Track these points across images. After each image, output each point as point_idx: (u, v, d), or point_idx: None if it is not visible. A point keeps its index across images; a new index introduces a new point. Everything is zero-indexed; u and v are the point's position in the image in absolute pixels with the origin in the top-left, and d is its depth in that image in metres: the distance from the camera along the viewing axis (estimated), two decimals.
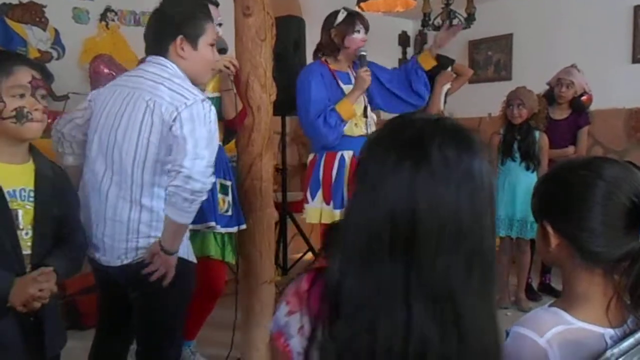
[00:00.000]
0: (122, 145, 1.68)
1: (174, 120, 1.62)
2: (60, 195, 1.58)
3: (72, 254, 1.60)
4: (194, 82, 1.78)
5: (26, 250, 1.47)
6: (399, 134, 0.75)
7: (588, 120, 3.72)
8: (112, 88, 1.82)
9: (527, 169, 3.41)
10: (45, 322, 1.48)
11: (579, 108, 3.68)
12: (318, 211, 2.62)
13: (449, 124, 0.76)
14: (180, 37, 1.73)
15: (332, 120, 2.52)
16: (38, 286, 1.40)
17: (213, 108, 1.71)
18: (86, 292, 3.03)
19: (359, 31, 2.62)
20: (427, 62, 2.74)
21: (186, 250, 1.81)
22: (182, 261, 1.76)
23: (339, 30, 2.62)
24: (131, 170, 1.68)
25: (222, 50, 2.32)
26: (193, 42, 1.75)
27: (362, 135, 2.60)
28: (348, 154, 2.60)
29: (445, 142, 0.72)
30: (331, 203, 2.58)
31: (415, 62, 2.76)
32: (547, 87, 3.80)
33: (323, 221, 2.62)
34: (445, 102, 3.89)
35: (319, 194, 2.61)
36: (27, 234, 1.48)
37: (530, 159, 3.40)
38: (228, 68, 2.26)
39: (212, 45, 1.81)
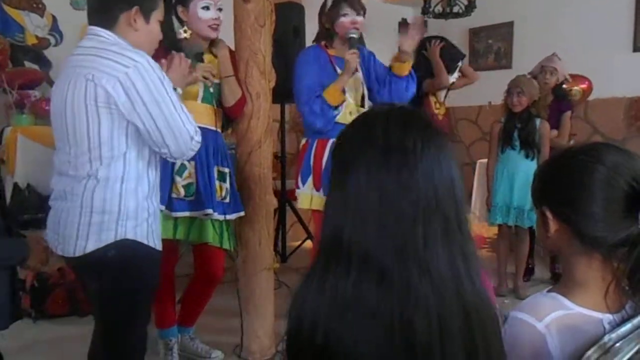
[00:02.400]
0: (75, 127, 1.62)
1: (121, 90, 1.56)
2: None
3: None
4: None
5: None
6: (367, 121, 0.84)
7: (569, 106, 3.81)
8: (62, 73, 1.74)
9: (527, 156, 3.42)
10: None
11: (562, 94, 3.77)
12: (309, 197, 2.62)
13: (408, 110, 0.84)
14: (136, 7, 1.68)
15: (317, 107, 2.50)
16: None
17: (154, 65, 1.61)
18: None
19: (345, 15, 2.55)
20: (401, 69, 2.67)
21: (143, 234, 1.68)
22: (133, 243, 1.64)
23: (327, 16, 2.60)
24: (87, 146, 1.61)
25: (198, 56, 2.28)
26: (146, 15, 1.71)
27: None
28: None
29: (391, 127, 0.80)
30: (321, 190, 2.57)
31: (390, 72, 2.69)
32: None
33: (313, 207, 2.61)
34: (446, 94, 3.83)
35: (310, 180, 2.61)
36: None
37: (530, 146, 3.40)
38: (207, 79, 2.24)
39: (160, 22, 1.78)
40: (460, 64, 3.74)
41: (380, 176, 0.76)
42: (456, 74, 3.72)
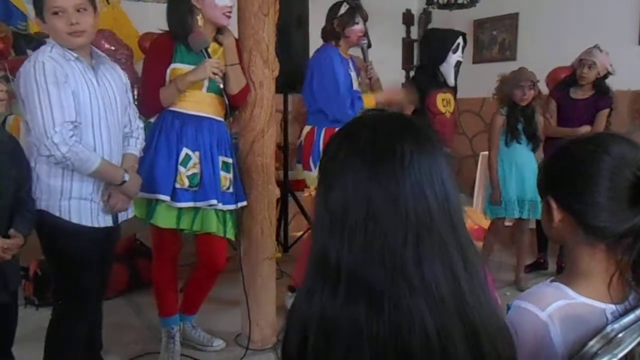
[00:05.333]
0: None
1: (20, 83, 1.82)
2: (16, 158, 1.80)
3: (31, 213, 1.83)
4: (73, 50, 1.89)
5: None
6: (352, 132, 0.79)
7: (608, 103, 3.56)
8: None
9: (534, 150, 3.41)
10: (6, 265, 1.76)
11: (602, 90, 3.55)
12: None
13: (398, 117, 0.79)
14: (35, 17, 1.88)
15: (358, 107, 2.79)
16: (5, 244, 1.69)
17: (43, 67, 1.78)
18: None
19: (357, 23, 2.90)
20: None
21: (55, 208, 1.88)
22: (46, 214, 1.87)
23: (340, 21, 2.89)
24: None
25: (204, 51, 2.26)
26: (41, 16, 1.86)
27: None
28: None
29: (395, 136, 0.75)
30: None
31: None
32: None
33: None
34: (456, 76, 3.58)
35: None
36: None
37: (536, 139, 3.39)
38: (216, 74, 2.23)
39: (55, 13, 1.82)
40: (459, 41, 3.40)
41: (366, 191, 0.72)
42: (459, 53, 3.49)
